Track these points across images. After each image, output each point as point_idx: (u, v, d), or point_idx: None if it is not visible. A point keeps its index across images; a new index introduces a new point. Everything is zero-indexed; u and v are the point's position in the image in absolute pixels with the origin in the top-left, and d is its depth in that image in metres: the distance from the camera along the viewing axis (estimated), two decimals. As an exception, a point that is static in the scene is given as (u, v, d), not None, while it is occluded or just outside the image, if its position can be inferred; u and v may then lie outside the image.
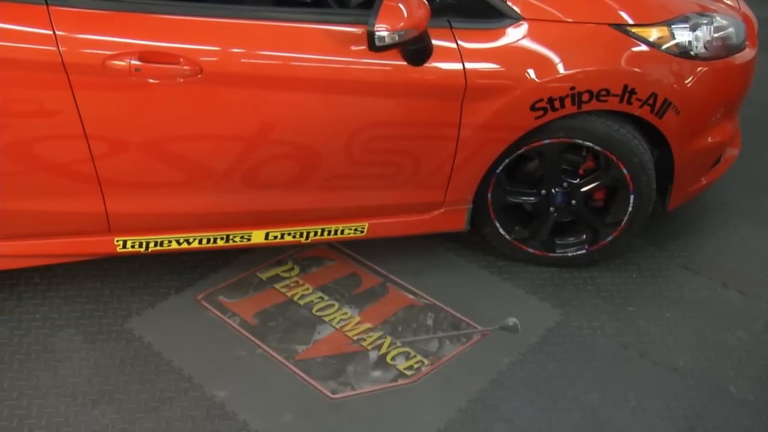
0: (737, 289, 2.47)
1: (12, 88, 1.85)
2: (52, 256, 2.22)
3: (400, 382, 2.10)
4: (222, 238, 2.27)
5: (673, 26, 2.19)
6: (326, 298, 2.39)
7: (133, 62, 1.85)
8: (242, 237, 2.29)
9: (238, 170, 2.12)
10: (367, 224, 2.35)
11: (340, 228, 2.34)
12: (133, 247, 2.22)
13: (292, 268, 2.51)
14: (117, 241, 2.19)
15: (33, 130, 1.94)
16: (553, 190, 2.38)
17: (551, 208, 2.41)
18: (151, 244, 2.23)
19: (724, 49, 2.27)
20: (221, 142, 2.07)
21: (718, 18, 2.27)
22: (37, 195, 2.05)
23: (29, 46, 1.83)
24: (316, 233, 2.33)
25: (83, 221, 2.14)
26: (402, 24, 1.84)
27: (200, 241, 2.26)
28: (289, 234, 2.32)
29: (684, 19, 2.21)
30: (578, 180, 2.36)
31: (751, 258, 2.62)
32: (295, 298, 2.39)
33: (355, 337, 2.24)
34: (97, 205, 2.09)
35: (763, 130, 3.33)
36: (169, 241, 2.23)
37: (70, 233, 2.17)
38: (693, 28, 2.20)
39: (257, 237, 2.30)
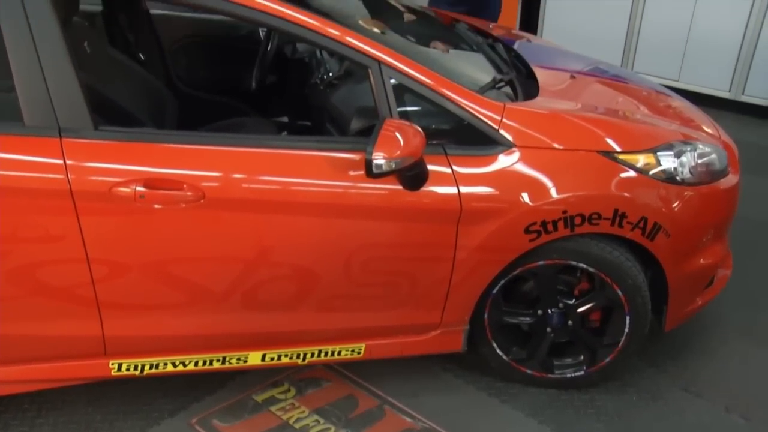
0: (741, 415, 2.42)
1: (19, 214, 1.90)
2: (44, 381, 2.19)
3: None
4: (218, 360, 2.26)
5: (658, 153, 2.28)
6: (322, 421, 2.34)
7: (138, 189, 1.91)
8: (239, 359, 2.27)
9: (237, 291, 2.14)
10: (364, 345, 2.34)
11: (337, 349, 2.33)
12: (128, 370, 2.19)
13: (289, 390, 2.47)
14: (112, 364, 2.17)
15: (36, 255, 1.97)
16: (549, 311, 2.39)
17: (548, 329, 2.41)
18: (147, 367, 2.21)
19: (708, 175, 2.35)
20: (221, 264, 2.10)
21: (700, 145, 2.37)
22: (34, 319, 2.05)
23: (40, 175, 1.89)
24: (312, 354, 2.32)
25: (79, 345, 2.13)
26: (399, 152, 1.91)
27: (196, 364, 2.24)
28: (286, 355, 2.30)
29: (668, 147, 2.31)
30: (574, 301, 2.38)
31: (753, 379, 2.59)
32: (291, 422, 2.33)
33: (352, 464, 2.18)
34: (94, 328, 2.08)
35: (752, 246, 3.38)
36: (165, 364, 2.22)
37: (64, 357, 2.15)
38: (677, 155, 2.29)
39: (254, 359, 2.28)
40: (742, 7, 4.56)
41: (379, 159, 1.89)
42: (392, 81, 2.06)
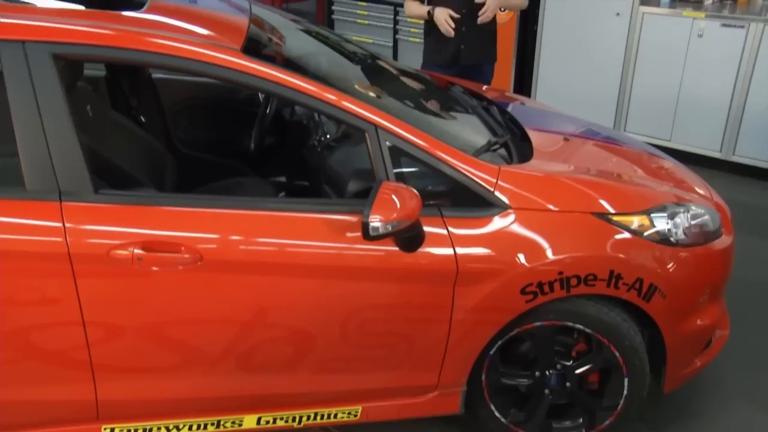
0: (743, 478, 2.39)
1: (16, 278, 1.91)
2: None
3: None
4: (213, 424, 2.22)
5: (652, 215, 2.30)
6: (318, 487, 2.30)
7: (136, 251, 1.93)
8: (233, 422, 2.24)
9: (233, 354, 2.13)
10: (360, 408, 2.31)
11: (334, 412, 2.30)
12: (120, 434, 2.17)
13: (283, 454, 2.43)
14: (104, 429, 2.14)
15: (31, 318, 1.96)
16: (547, 372, 2.37)
17: (546, 391, 2.39)
18: (140, 431, 2.17)
19: (702, 236, 2.38)
20: (217, 325, 2.10)
21: (693, 207, 2.40)
22: (27, 383, 2.03)
23: (39, 238, 1.90)
24: (309, 417, 2.29)
25: (71, 409, 2.10)
26: (395, 215, 1.92)
27: (190, 428, 2.20)
28: (282, 418, 2.27)
29: (662, 209, 2.34)
30: (572, 362, 2.37)
31: (754, 442, 2.56)
32: (285, 488, 2.29)
33: None
34: (87, 392, 2.06)
35: (749, 307, 3.38)
36: (159, 428, 2.18)
37: (55, 422, 2.12)
38: (671, 217, 2.32)
39: (249, 422, 2.25)
40: (729, 71, 4.69)
41: (375, 222, 1.91)
42: (389, 144, 2.10)
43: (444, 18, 3.68)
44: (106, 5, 2.11)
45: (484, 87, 3.57)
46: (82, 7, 2.16)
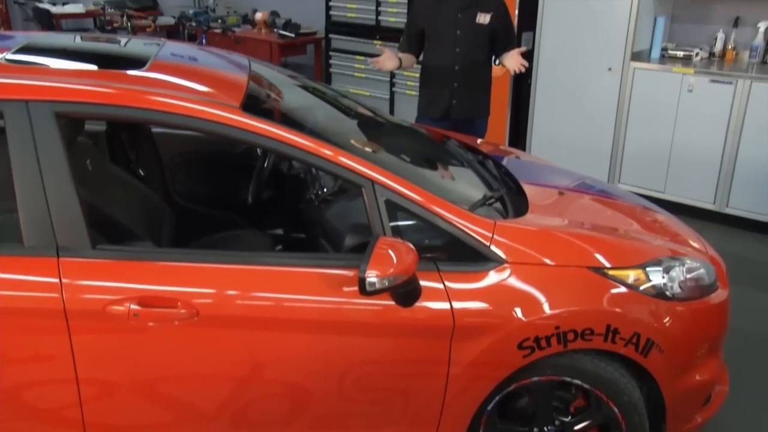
0: None
1: (10, 334, 1.90)
2: None
3: None
4: (206, 482, 2.18)
5: (647, 269, 2.31)
6: None
7: (132, 307, 1.92)
8: (227, 480, 2.19)
9: (229, 410, 2.10)
10: (357, 464, 2.28)
11: (330, 468, 2.26)
12: (110, 495, 2.12)
13: None
14: (96, 487, 2.10)
15: (24, 375, 1.95)
16: (545, 428, 2.34)
17: (544, 447, 2.36)
18: (131, 490, 2.13)
19: (698, 290, 2.38)
20: (213, 381, 2.08)
21: (688, 261, 2.41)
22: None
23: (35, 294, 1.90)
24: (304, 474, 2.25)
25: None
26: (392, 270, 1.93)
27: (183, 486, 2.16)
28: (277, 476, 2.23)
29: (657, 263, 2.34)
30: (570, 418, 2.34)
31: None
32: None
33: None
34: (79, 451, 2.03)
35: (747, 361, 3.36)
36: (151, 487, 2.14)
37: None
38: (666, 271, 2.33)
39: (243, 480, 2.21)
40: (719, 125, 4.77)
41: (372, 277, 1.91)
42: (385, 199, 2.12)
43: (385, 57, 3.70)
44: (110, 64, 2.16)
45: (479, 140, 3.63)
46: (94, 67, 2.20)
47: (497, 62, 3.99)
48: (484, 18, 3.78)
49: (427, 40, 3.87)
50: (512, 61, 3.76)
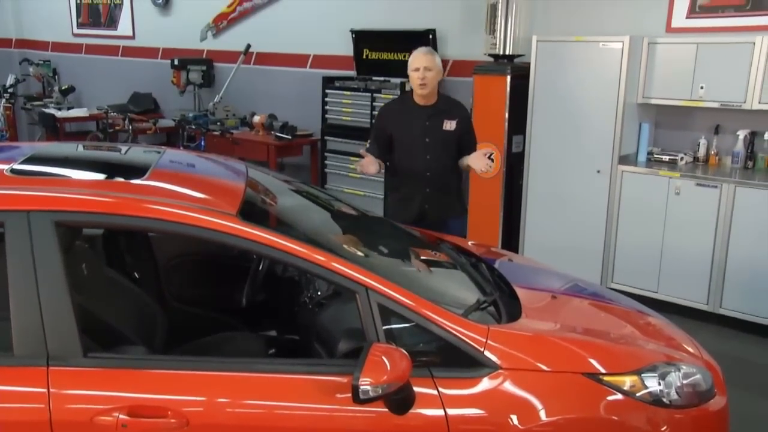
0: None
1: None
2: None
3: None
4: None
5: (643, 375, 2.29)
6: None
7: (121, 417, 1.89)
8: None
9: None
10: None
11: None
12: None
13: None
14: None
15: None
16: None
17: None
18: None
19: (696, 396, 2.35)
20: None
21: (684, 366, 2.39)
22: None
23: (20, 406, 1.88)
24: None
25: None
26: (385, 377, 1.92)
27: None
28: None
29: (652, 368, 2.32)
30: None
31: None
32: None
33: None
34: None
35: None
36: None
37: None
38: (662, 377, 2.30)
39: None
40: (707, 227, 4.84)
41: (366, 385, 1.90)
42: (378, 304, 2.12)
43: (367, 161, 3.75)
44: (112, 172, 2.22)
45: (470, 242, 3.66)
46: (96, 176, 2.26)
47: (461, 165, 3.94)
48: (450, 125, 3.87)
49: (397, 146, 3.92)
50: (479, 162, 3.77)
